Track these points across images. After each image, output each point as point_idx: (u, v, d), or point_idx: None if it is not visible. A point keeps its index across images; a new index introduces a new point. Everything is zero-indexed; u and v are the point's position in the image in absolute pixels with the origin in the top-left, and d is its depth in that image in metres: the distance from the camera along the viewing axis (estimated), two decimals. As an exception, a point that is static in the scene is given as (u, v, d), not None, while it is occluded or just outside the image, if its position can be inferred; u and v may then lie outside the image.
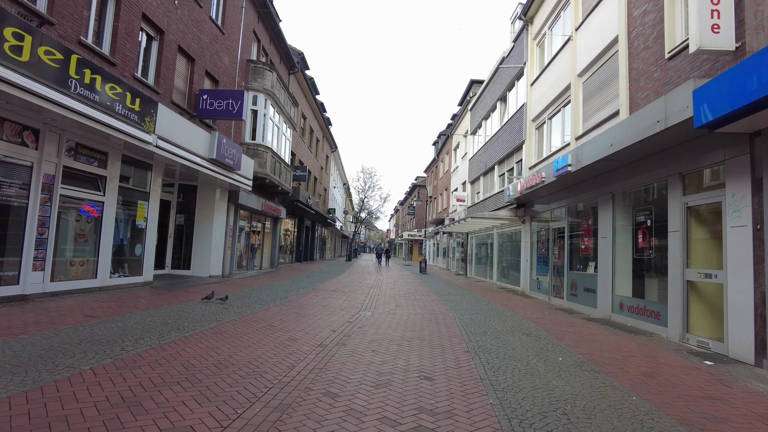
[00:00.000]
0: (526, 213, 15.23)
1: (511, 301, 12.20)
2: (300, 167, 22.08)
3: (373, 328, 7.26)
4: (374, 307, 9.91)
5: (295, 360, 5.08)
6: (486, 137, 21.95)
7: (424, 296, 12.69)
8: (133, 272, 9.99)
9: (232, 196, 14.57)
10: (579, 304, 10.75)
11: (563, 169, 9.95)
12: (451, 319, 8.64)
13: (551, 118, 14.07)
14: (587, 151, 8.99)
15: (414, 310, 9.64)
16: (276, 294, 11.16)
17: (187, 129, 10.60)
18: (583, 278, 10.76)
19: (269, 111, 16.39)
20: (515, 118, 17.07)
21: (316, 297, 11.18)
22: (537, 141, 15.22)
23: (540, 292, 13.67)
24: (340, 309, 9.37)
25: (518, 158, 16.72)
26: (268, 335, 6.29)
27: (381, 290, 13.98)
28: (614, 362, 5.55)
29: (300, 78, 24.16)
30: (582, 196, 10.85)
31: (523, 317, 9.20)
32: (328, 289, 13.18)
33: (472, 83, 27.44)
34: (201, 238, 13.42)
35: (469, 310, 10.05)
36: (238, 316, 7.59)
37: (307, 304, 9.69)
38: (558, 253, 12.47)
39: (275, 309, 8.73)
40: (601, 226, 9.87)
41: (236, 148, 12.80)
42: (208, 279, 13.09)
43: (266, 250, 20.38)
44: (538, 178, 11.62)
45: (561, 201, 12.11)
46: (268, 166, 16.01)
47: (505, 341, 6.58)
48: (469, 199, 24.98)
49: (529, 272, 14.75)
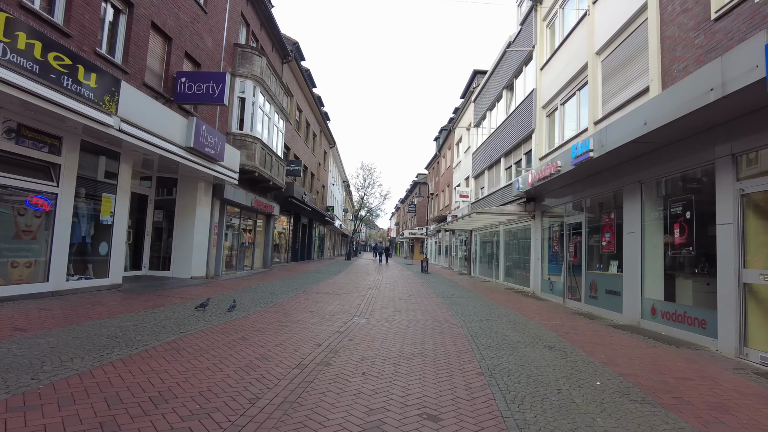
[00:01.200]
0: (537, 208, 14.06)
1: (522, 305, 11.04)
2: (294, 161, 20.92)
3: (366, 341, 6.11)
4: (370, 313, 8.77)
5: (262, 389, 3.94)
6: (491, 129, 20.78)
7: (426, 299, 11.54)
8: (98, 274, 8.86)
9: (216, 191, 13.42)
10: (600, 308, 9.59)
11: (584, 155, 8.78)
12: (458, 327, 7.49)
13: (564, 104, 12.89)
14: (613, 133, 7.83)
15: (415, 316, 8.49)
16: (261, 297, 10.02)
17: (161, 113, 9.46)
18: (605, 279, 9.60)
19: (258, 99, 15.23)
20: (523, 107, 15.89)
21: (306, 301, 10.04)
22: (548, 129, 14.04)
23: (553, 293, 12.51)
24: (331, 315, 8.23)
25: (527, 149, 15.55)
26: (237, 352, 5.14)
27: (379, 292, 12.84)
28: (667, 388, 4.39)
29: (294, 68, 23.00)
30: (603, 186, 9.68)
31: (539, 324, 8.04)
32: (321, 292, 12.04)
33: (475, 74, 26.25)
34: (181, 236, 12.28)
35: (477, 315, 8.89)
36: (208, 326, 6.45)
37: (293, 310, 8.55)
38: (574, 251, 11.30)
39: (255, 316, 7.59)
40: (626, 220, 8.70)
41: (218, 137, 11.65)
42: (189, 281, 11.96)
43: (258, 249, 19.24)
44: (553, 167, 10.44)
45: (578, 193, 10.94)
46: (257, 158, 14.86)
47: (525, 357, 5.43)
48: (473, 194, 23.81)
49: (540, 272, 13.59)
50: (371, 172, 46.38)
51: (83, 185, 8.37)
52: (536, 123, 14.47)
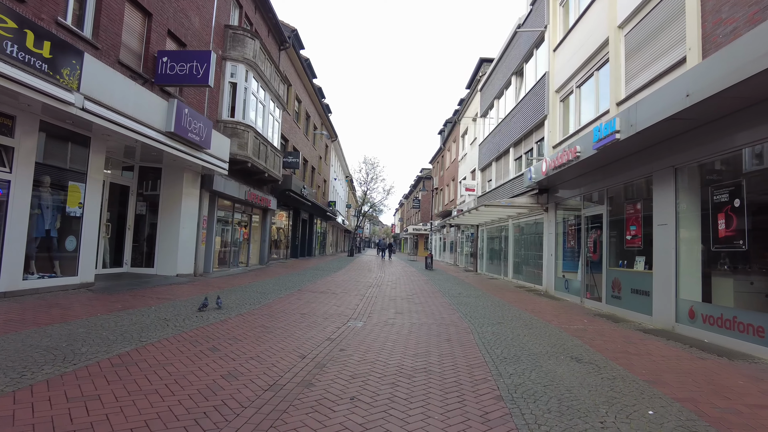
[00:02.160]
0: (550, 200, 13.04)
1: (535, 305, 10.07)
2: (292, 153, 19.97)
3: (360, 351, 5.17)
4: (368, 315, 7.83)
5: (217, 422, 3.01)
6: (498, 119, 19.73)
7: (431, 298, 10.59)
8: (66, 272, 7.97)
9: (205, 182, 12.51)
10: (625, 309, 8.60)
11: (608, 138, 7.77)
12: (467, 332, 6.53)
13: (580, 86, 11.86)
14: (644, 110, 6.82)
15: (418, 319, 7.54)
16: (249, 297, 9.10)
17: (137, 94, 8.53)
18: (630, 277, 8.61)
19: (251, 85, 14.28)
20: (534, 92, 14.84)
21: (299, 301, 9.12)
22: (562, 115, 13.01)
23: (569, 292, 11.52)
24: (324, 318, 7.30)
25: (539, 137, 14.52)
26: (201, 367, 4.22)
27: (380, 290, 11.90)
28: (743, 421, 3.42)
29: (293, 56, 22.01)
30: (629, 173, 8.67)
31: (559, 329, 7.07)
32: (317, 290, 11.12)
33: (481, 62, 25.16)
34: (166, 230, 11.38)
35: (488, 317, 7.94)
36: (177, 333, 5.53)
37: (282, 312, 7.62)
38: (593, 246, 10.30)
39: (236, 320, 6.66)
40: (657, 210, 7.70)
41: (204, 122, 10.72)
42: (174, 279, 11.06)
43: (254, 244, 18.34)
44: (571, 153, 9.43)
45: (598, 182, 9.93)
46: (250, 147, 13.92)
47: (551, 374, 4.47)
48: (479, 188, 22.79)
49: (554, 269, 12.59)
50: (374, 166, 45.33)
51: (46, 172, 7.46)
52: (549, 109, 13.44)
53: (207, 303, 7.25)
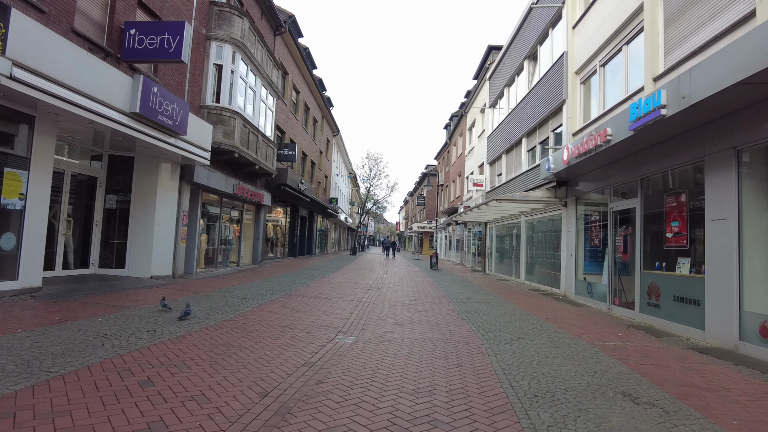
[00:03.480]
0: (570, 193, 11.69)
1: (557, 313, 8.75)
2: (288, 146, 18.70)
3: (342, 386, 3.89)
4: (362, 327, 6.55)
5: None
6: (509, 108, 18.36)
7: (436, 304, 9.30)
8: (3, 275, 6.75)
9: (185, 173, 11.27)
10: (666, 321, 7.27)
11: (650, 115, 6.43)
12: (481, 353, 5.24)
13: (605, 64, 10.49)
14: (703, 77, 5.47)
15: (421, 333, 6.26)
16: (226, 304, 7.86)
17: (93, 68, 7.30)
18: (672, 282, 7.26)
19: (239, 68, 13.02)
20: (550, 76, 13.47)
21: (284, 308, 7.86)
22: (583, 98, 11.65)
23: (592, 297, 10.17)
24: (308, 332, 6.04)
25: (555, 125, 13.16)
26: (111, 416, 2.95)
27: (380, 294, 10.62)
28: None
29: (290, 44, 20.75)
30: (671, 159, 7.33)
31: (593, 346, 5.76)
32: (308, 295, 9.86)
33: (490, 50, 23.77)
34: (139, 227, 10.16)
35: (505, 330, 6.63)
36: (107, 358, 4.27)
37: (258, 324, 6.36)
38: (623, 245, 8.96)
39: (197, 336, 5.41)
40: (710, 202, 6.36)
41: (179, 104, 9.46)
42: (147, 281, 9.85)
43: (247, 243, 17.12)
44: (600, 136, 8.09)
45: (630, 171, 8.58)
46: (237, 136, 12.66)
47: (605, 424, 3.16)
48: (488, 183, 21.45)
49: (575, 270, 11.25)
50: (377, 161, 43.93)
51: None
52: (568, 92, 12.07)
53: (167, 305, 6.22)
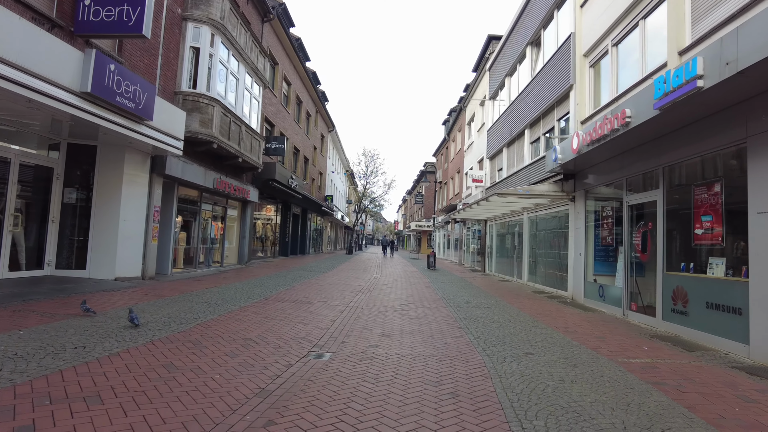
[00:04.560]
0: (578, 186, 10.70)
1: (567, 320, 7.77)
2: (277, 138, 17.67)
3: (298, 430, 2.90)
4: (342, 340, 5.56)
5: None
6: (510, 99, 17.35)
7: (431, 310, 8.31)
8: None
9: (156, 165, 10.26)
10: (696, 331, 6.28)
11: (684, 87, 5.43)
12: (483, 376, 4.25)
13: (618, 44, 9.49)
14: (754, 38, 4.48)
15: (410, 348, 5.26)
16: (190, 310, 6.85)
17: (32, 38, 6.29)
18: (704, 286, 6.27)
19: (219, 52, 12.00)
20: (556, 60, 12.47)
21: (256, 316, 6.87)
22: (593, 83, 10.65)
23: (604, 301, 9.19)
24: (276, 347, 5.06)
25: (561, 113, 12.16)
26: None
27: (371, 298, 9.64)
28: None
29: (280, 32, 19.71)
30: (702, 143, 6.34)
31: (616, 364, 4.77)
32: (289, 299, 8.86)
33: (490, 39, 22.75)
34: (102, 223, 9.16)
35: (510, 343, 5.64)
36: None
37: (220, 336, 5.37)
38: (641, 243, 7.97)
39: (136, 353, 4.40)
40: (755, 192, 5.37)
41: (144, 85, 8.45)
42: (110, 283, 8.85)
43: (232, 241, 16.12)
44: (617, 119, 7.09)
45: (650, 159, 7.59)
46: (216, 125, 11.64)
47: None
48: (488, 178, 20.46)
49: (584, 271, 10.25)
50: (374, 158, 42.89)
51: None
52: (576, 77, 11.07)
53: (135, 319, 5.37)
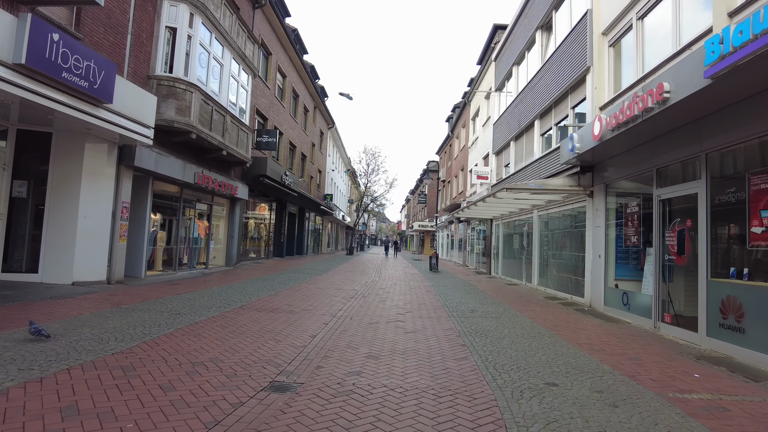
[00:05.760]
0: (597, 180, 9.54)
1: (590, 333, 6.61)
2: (269, 132, 16.57)
3: None
4: (317, 363, 4.44)
5: None
6: (518, 89, 16.18)
7: (431, 320, 7.17)
8: None
9: (125, 156, 9.18)
10: (755, 352, 5.12)
11: (752, 44, 4.27)
12: (497, 424, 3.11)
13: (644, 16, 8.33)
14: None
15: (402, 377, 4.12)
16: (146, 323, 5.75)
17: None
18: (767, 297, 5.10)
19: (200, 34, 10.92)
20: (570, 43, 11.31)
21: (221, 330, 5.76)
22: (613, 64, 9.48)
23: (629, 310, 8.01)
24: (230, 375, 3.96)
25: (577, 100, 10.99)
26: None
27: (364, 305, 8.52)
28: None
29: (274, 21, 18.62)
30: (763, 122, 5.17)
31: (668, 403, 3.63)
32: (269, 307, 7.75)
33: (495, 29, 21.58)
34: (57, 220, 8.10)
35: (527, 369, 4.49)
36: None
37: (163, 359, 4.26)
38: (677, 244, 6.80)
39: (32, 388, 3.30)
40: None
41: (101, 63, 7.36)
42: (67, 288, 7.77)
43: (219, 242, 15.04)
44: (653, 95, 5.92)
45: (689, 145, 6.43)
46: (194, 113, 10.55)
47: None
48: (494, 175, 19.28)
49: (604, 275, 9.08)
50: (375, 156, 41.72)
51: None
52: (594, 58, 9.91)
53: (42, 331, 4.36)
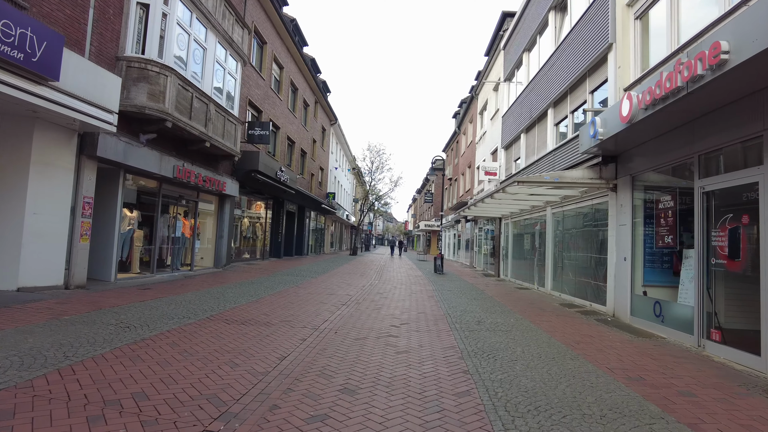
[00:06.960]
0: (621, 171, 8.35)
1: (620, 353, 5.44)
2: (261, 124, 15.50)
3: None
4: (275, 401, 3.33)
5: None
6: (529, 77, 14.98)
7: (430, 336, 6.04)
8: None
9: (86, 145, 8.16)
10: None
11: None
12: None
13: (681, -20, 7.12)
14: None
15: (378, 426, 3.02)
16: (77, 341, 4.70)
17: None
18: None
19: (177, 11, 9.87)
20: (588, 19, 10.10)
21: (168, 351, 4.69)
22: (640, 39, 8.28)
23: (664, 323, 6.81)
24: (148, 423, 2.85)
25: (596, 83, 9.79)
26: None
27: (355, 314, 7.41)
28: None
29: (268, 6, 17.54)
30: None
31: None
32: (240, 318, 6.67)
33: (504, 17, 20.35)
34: (2, 217, 7.08)
35: (550, 411, 3.35)
36: None
37: (66, 398, 3.19)
38: (728, 245, 5.60)
39: None
40: None
41: (43, 32, 6.33)
42: (10, 295, 6.76)
43: (206, 242, 14.03)
44: (706, 59, 4.74)
45: (744, 124, 5.23)
46: (170, 99, 9.50)
47: None
48: (503, 171, 18.09)
49: (630, 280, 7.88)
50: (379, 153, 40.55)
51: None
52: (617, 34, 8.72)
53: None
